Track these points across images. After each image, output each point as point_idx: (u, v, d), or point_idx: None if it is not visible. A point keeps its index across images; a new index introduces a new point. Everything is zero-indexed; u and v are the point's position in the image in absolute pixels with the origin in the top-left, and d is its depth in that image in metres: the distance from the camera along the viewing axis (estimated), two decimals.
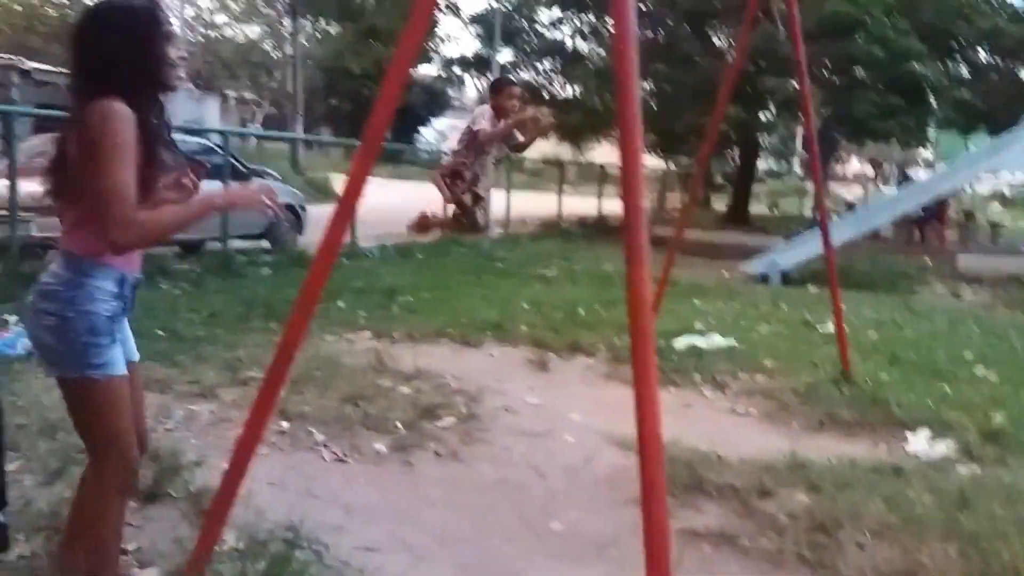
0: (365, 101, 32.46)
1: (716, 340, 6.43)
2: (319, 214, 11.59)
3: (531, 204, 15.74)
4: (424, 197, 6.23)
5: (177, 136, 9.54)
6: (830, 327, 7.28)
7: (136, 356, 2.35)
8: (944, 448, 4.38)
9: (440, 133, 41.32)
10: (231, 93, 33.78)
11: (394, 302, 7.46)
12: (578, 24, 17.26)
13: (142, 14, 2.10)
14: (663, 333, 6.22)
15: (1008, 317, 8.93)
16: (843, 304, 6.05)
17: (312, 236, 10.64)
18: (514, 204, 14.91)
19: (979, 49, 15.34)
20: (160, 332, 5.62)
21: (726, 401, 5.21)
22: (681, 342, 6.31)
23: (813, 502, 3.45)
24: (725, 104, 5.83)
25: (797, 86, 13.42)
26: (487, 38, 16.97)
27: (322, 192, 18.82)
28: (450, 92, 33.47)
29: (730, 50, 14.46)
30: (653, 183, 23.53)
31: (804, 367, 5.89)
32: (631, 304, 2.00)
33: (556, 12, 16.92)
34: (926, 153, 34.23)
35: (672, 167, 22.80)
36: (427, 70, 26.81)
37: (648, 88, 16.55)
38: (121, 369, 2.16)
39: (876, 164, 56.84)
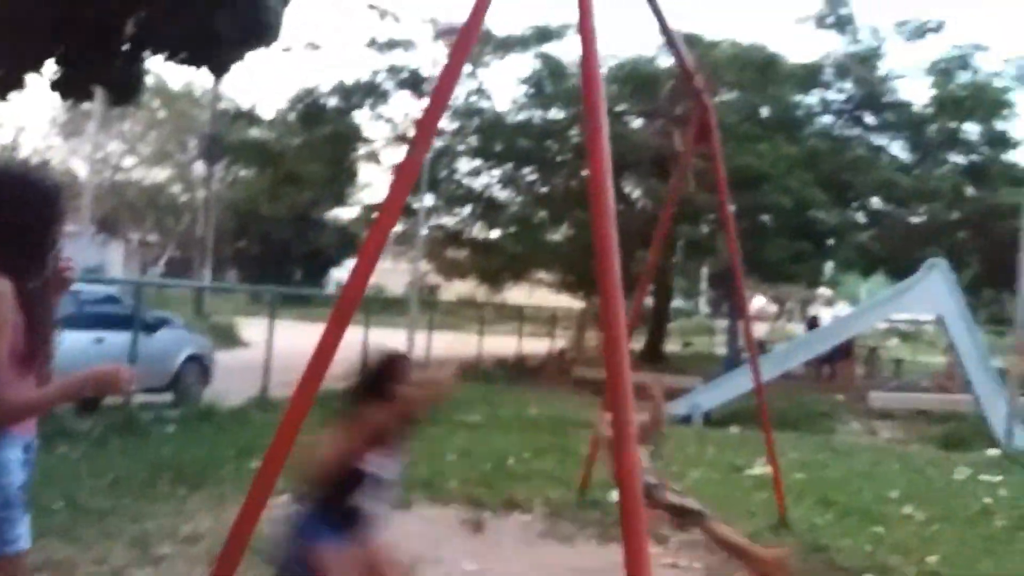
0: (275, 244, 32.48)
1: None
2: (226, 361, 11.22)
3: (449, 345, 15.61)
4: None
5: (81, 286, 9.25)
6: (758, 470, 7.32)
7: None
8: None
9: None
10: (135, 236, 33.28)
11: None
12: (498, 173, 17.97)
13: (39, 191, 2.06)
14: (600, 485, 6.07)
15: (923, 453, 9.22)
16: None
17: (220, 386, 10.18)
18: (433, 345, 14.78)
19: (873, 199, 16.72)
20: (59, 504, 5.10)
21: (668, 556, 5.04)
22: (617, 494, 6.14)
23: None
24: (657, 252, 6.02)
25: (705, 232, 14.29)
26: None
27: (228, 338, 18.15)
28: (363, 234, 33.69)
29: (641, 199, 15.29)
30: (571, 322, 23.92)
31: (741, 514, 5.82)
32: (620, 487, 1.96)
33: (476, 162, 17.58)
34: (825, 291, 36.37)
35: (589, 306, 23.38)
36: (340, 212, 27.07)
37: (568, 233, 17.19)
38: (28, 542, 2.06)
39: (779, 301, 59.92)
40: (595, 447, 6.08)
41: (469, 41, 3.03)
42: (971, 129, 16.57)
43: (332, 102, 16.86)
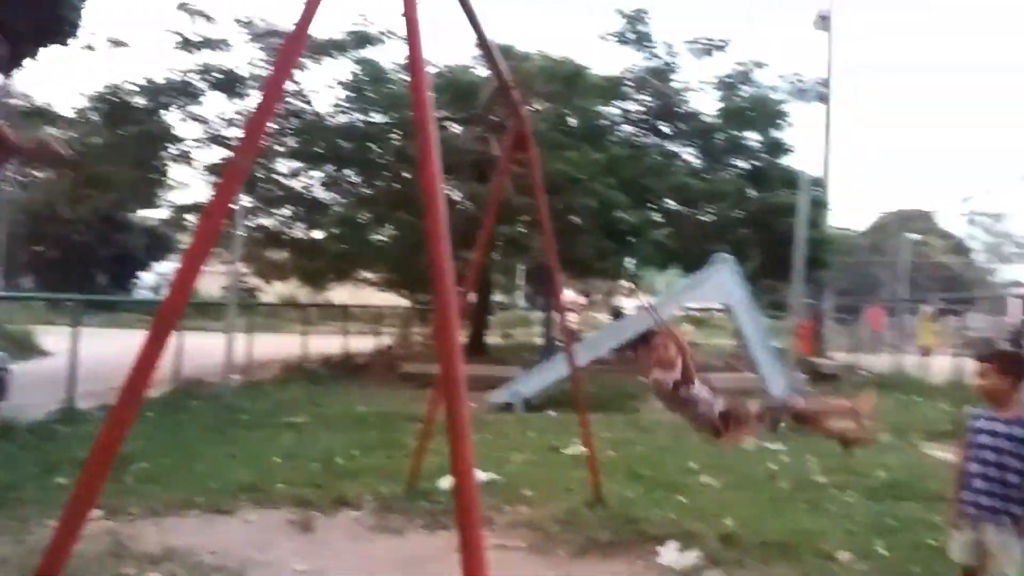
0: (77, 247, 29.94)
1: (477, 475, 6.57)
2: (24, 373, 10.33)
3: (270, 346, 15.20)
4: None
5: None
6: (574, 450, 7.82)
7: None
8: (692, 557, 4.84)
9: (163, 276, 38.86)
10: None
11: (127, 471, 6.53)
12: (319, 175, 17.65)
13: None
14: (428, 474, 6.28)
15: None
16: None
17: (18, 399, 9.37)
18: (253, 349, 14.35)
19: (669, 200, 18.13)
20: None
21: (495, 537, 5.29)
22: (446, 481, 6.37)
23: None
24: (481, 251, 6.30)
25: (522, 231, 14.88)
26: None
27: (24, 347, 16.64)
28: (174, 236, 31.90)
29: (462, 200, 15.62)
30: (397, 319, 23.93)
31: (560, 493, 6.22)
32: (455, 475, 2.10)
33: (296, 163, 17.15)
34: (627, 283, 38.67)
35: (414, 304, 23.57)
36: (149, 214, 25.43)
37: (391, 233, 17.20)
38: None
39: (586, 294, 62.99)
40: (425, 438, 6.27)
41: (299, 44, 3.01)
42: (752, 137, 18.39)
43: (140, 101, 15.82)
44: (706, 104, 18.21)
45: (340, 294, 22.64)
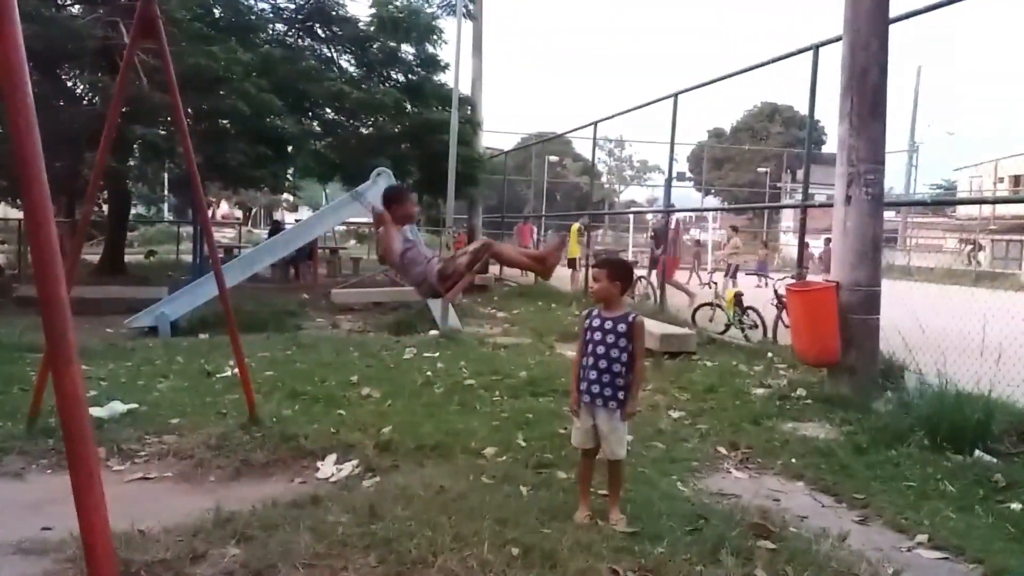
0: None
1: (116, 407, 5.98)
2: None
3: None
4: None
5: None
6: (228, 373, 7.47)
7: None
8: (349, 468, 4.92)
9: None
10: None
11: None
12: None
13: None
14: (52, 411, 5.54)
15: (378, 340, 10.33)
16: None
17: None
18: None
19: (327, 109, 17.63)
20: None
21: (138, 470, 4.91)
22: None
23: (247, 553, 3.51)
24: (105, 154, 5.47)
25: (163, 133, 13.45)
26: None
27: None
28: None
29: (88, 95, 13.58)
30: (9, 235, 20.48)
31: (212, 418, 5.90)
32: (62, 406, 1.85)
33: None
34: (288, 197, 37.38)
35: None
36: None
37: None
38: None
39: (245, 208, 59.73)
40: (45, 372, 5.49)
41: None
42: (408, 50, 18.51)
43: None
44: (362, 10, 17.92)
45: None
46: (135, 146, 13.75)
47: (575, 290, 17.00)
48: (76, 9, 13.90)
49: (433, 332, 10.98)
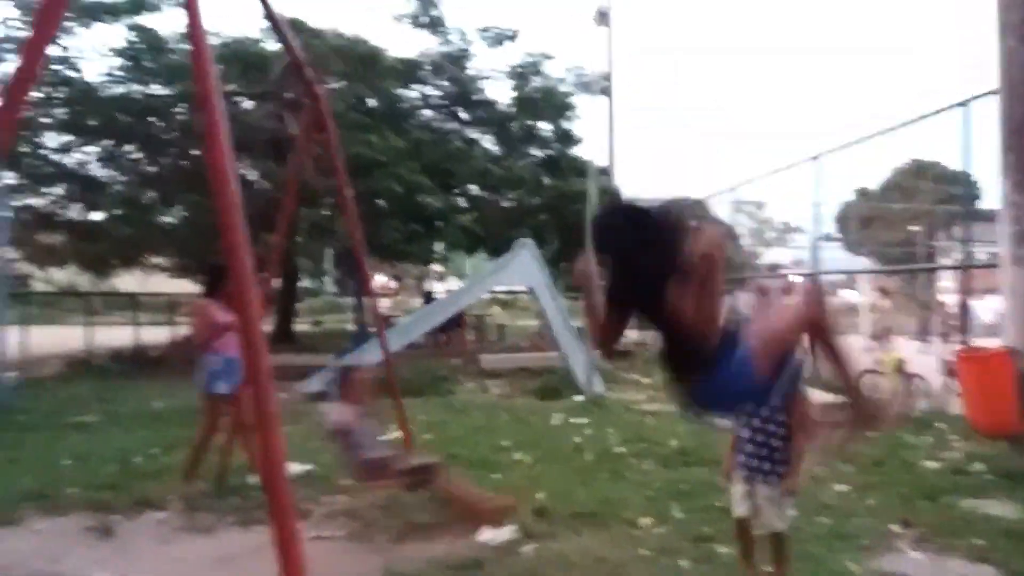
0: None
1: (292, 468, 6.43)
2: None
3: (50, 340, 13.82)
4: None
5: None
6: (392, 435, 7.84)
7: None
8: (508, 533, 5.05)
9: None
10: None
11: None
12: (95, 150, 16.10)
13: None
14: (240, 470, 6.06)
15: (526, 404, 10.52)
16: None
17: None
18: (28, 341, 13.00)
19: (471, 185, 18.52)
20: None
21: (313, 528, 5.23)
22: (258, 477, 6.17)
23: None
24: (283, 235, 6.09)
25: (326, 214, 14.53)
26: None
27: None
28: None
29: (260, 180, 14.94)
30: (190, 308, 22.46)
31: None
32: (265, 468, 2.06)
33: (66, 137, 15.55)
34: (438, 268, 38.91)
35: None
36: None
37: (180, 215, 16.15)
38: None
39: (398, 278, 62.59)
40: (234, 433, 6.03)
41: (60, 7, 2.72)
42: (545, 127, 19.19)
43: None
44: (501, 93, 18.78)
45: (128, 281, 20.91)
46: (301, 226, 14.91)
47: None
48: (248, 104, 15.41)
49: (578, 397, 11.04)
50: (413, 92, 18.10)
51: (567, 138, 19.20)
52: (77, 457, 6.89)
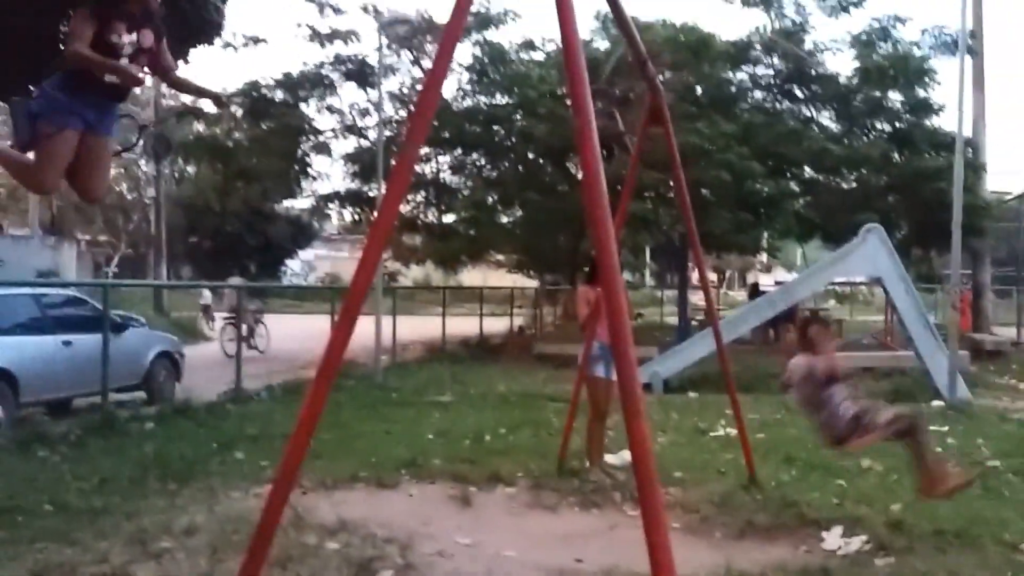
0: (227, 238, 32.17)
1: (626, 456, 6.58)
2: (191, 357, 11.23)
3: (411, 328, 15.78)
4: (294, 331, 6.18)
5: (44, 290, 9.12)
6: (721, 432, 7.69)
7: None
8: (858, 543, 4.67)
9: (307, 264, 40.96)
10: (83, 237, 32.61)
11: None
12: (447, 159, 18.09)
13: None
14: (576, 454, 6.36)
15: None
16: (731, 409, 6.38)
17: (190, 381, 10.19)
18: (396, 330, 14.95)
19: (806, 168, 17.37)
20: (48, 507, 5.13)
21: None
22: (615, 457, 6.40)
23: None
24: (620, 229, 6.27)
25: (649, 207, 14.69)
26: (361, 174, 17.39)
27: (190, 333, 18.08)
28: (316, 224, 33.63)
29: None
30: (527, 300, 24.24)
31: (712, 475, 6.13)
32: (635, 453, 2.12)
33: (425, 149, 17.67)
34: (762, 259, 37.35)
35: (542, 285, 23.91)
36: (291, 203, 27.04)
37: (519, 215, 17.47)
38: None
39: (719, 271, 61.30)
40: (571, 419, 6.35)
41: (456, 30, 2.94)
42: (895, 97, 17.29)
43: (279, 95, 16.73)
44: (842, 64, 17.33)
45: (472, 276, 23.15)
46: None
47: None
48: None
49: (937, 403, 9.91)
50: (742, 74, 17.50)
51: (922, 108, 17.18)
52: (438, 432, 7.76)
